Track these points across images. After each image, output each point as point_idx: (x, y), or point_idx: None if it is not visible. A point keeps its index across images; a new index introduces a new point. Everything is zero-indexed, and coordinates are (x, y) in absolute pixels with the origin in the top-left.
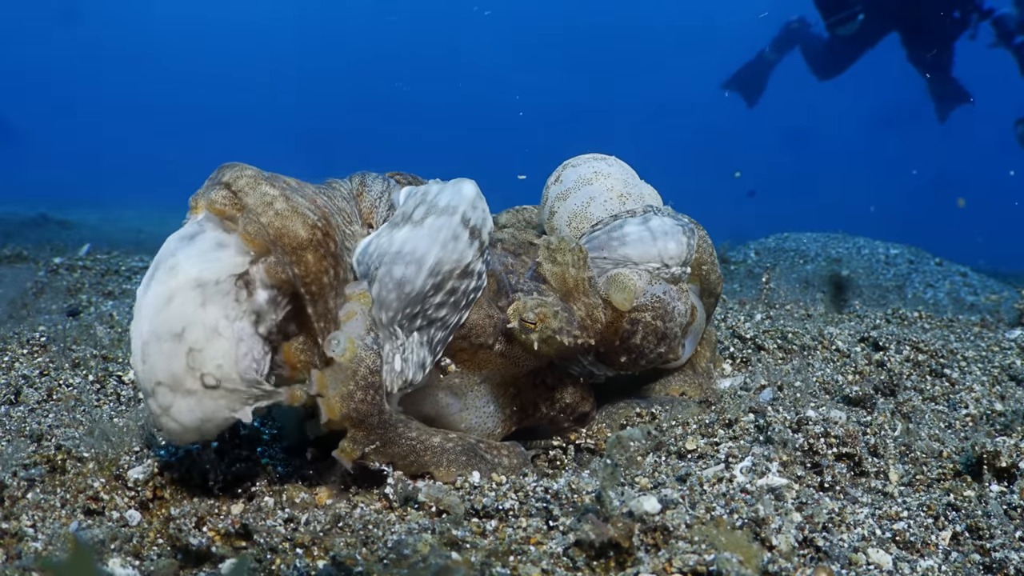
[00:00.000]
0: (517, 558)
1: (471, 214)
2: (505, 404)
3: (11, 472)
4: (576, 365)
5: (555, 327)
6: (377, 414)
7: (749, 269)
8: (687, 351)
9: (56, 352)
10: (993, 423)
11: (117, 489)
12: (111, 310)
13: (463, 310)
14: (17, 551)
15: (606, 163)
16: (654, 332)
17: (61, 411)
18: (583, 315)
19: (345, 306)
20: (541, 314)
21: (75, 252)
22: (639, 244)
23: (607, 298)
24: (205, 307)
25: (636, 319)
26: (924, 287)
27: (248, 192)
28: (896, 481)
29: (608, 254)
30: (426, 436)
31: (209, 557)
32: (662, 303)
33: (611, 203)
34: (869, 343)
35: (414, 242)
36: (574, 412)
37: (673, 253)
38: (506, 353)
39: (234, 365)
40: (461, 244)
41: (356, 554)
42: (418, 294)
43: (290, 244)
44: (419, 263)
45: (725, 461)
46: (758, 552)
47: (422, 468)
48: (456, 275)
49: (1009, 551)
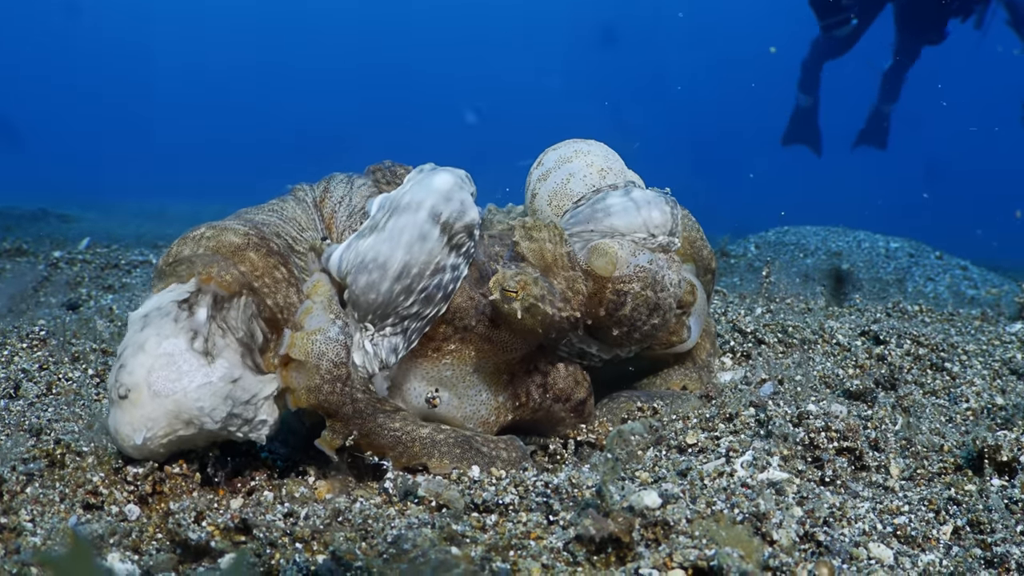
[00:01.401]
0: (517, 553)
1: (442, 207)
2: (498, 391)
3: (10, 466)
4: (566, 346)
5: (536, 293)
6: (349, 403)
7: (749, 263)
8: (694, 333)
9: (56, 346)
10: (994, 417)
11: (116, 483)
12: (111, 304)
13: (440, 303)
14: (16, 546)
15: (587, 144)
16: (645, 302)
17: (60, 405)
18: (563, 288)
19: (304, 303)
20: (521, 282)
21: (75, 246)
22: (623, 214)
23: (589, 268)
24: (143, 330)
25: (622, 290)
26: (925, 281)
27: (186, 247)
28: (897, 475)
29: (594, 226)
30: (413, 427)
31: (208, 552)
32: (649, 272)
33: (591, 177)
34: (870, 337)
35: (376, 248)
36: (569, 399)
37: (658, 222)
38: (493, 338)
39: (145, 376)
40: (430, 243)
41: (356, 549)
42: (384, 301)
43: (228, 250)
44: (383, 269)
45: (726, 455)
46: (759, 547)
47: (413, 459)
48: (427, 275)
49: (1010, 545)
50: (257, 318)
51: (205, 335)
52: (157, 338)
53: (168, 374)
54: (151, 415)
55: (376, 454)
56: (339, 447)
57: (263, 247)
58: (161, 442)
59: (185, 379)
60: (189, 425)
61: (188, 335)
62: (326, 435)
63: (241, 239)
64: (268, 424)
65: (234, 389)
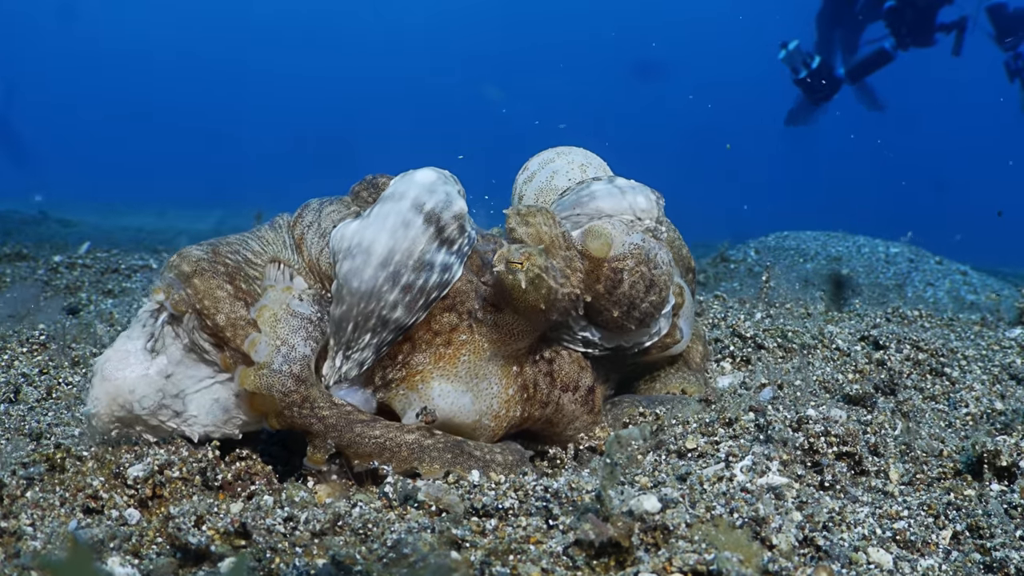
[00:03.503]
0: (517, 557)
1: (425, 197)
2: (508, 384)
3: (10, 471)
4: (567, 332)
5: (541, 264)
6: (316, 421)
7: (749, 268)
8: (685, 335)
9: (56, 350)
10: (993, 422)
11: (116, 488)
12: (111, 308)
13: (420, 311)
14: (16, 550)
15: (567, 148)
16: (641, 278)
17: (60, 409)
18: (562, 266)
19: (251, 334)
20: (526, 253)
21: (75, 250)
22: (609, 198)
23: (585, 250)
24: (125, 331)
25: (619, 267)
26: (924, 286)
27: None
28: (896, 480)
29: (581, 210)
30: (396, 433)
31: (208, 556)
32: (643, 249)
33: (573, 172)
34: (869, 342)
35: (361, 233)
36: (577, 387)
37: (644, 206)
38: (499, 323)
39: (103, 363)
40: (413, 231)
41: (355, 553)
42: (368, 289)
43: (182, 276)
44: (367, 253)
45: (725, 460)
46: (758, 551)
47: (402, 465)
48: (412, 266)
49: (1009, 550)
50: (199, 331)
51: (157, 338)
52: (125, 338)
53: (117, 364)
54: (97, 394)
55: (365, 463)
56: (324, 460)
57: (208, 271)
58: (103, 419)
59: (128, 369)
60: (123, 408)
61: (147, 338)
62: (310, 451)
63: (190, 267)
64: (200, 422)
65: (166, 384)
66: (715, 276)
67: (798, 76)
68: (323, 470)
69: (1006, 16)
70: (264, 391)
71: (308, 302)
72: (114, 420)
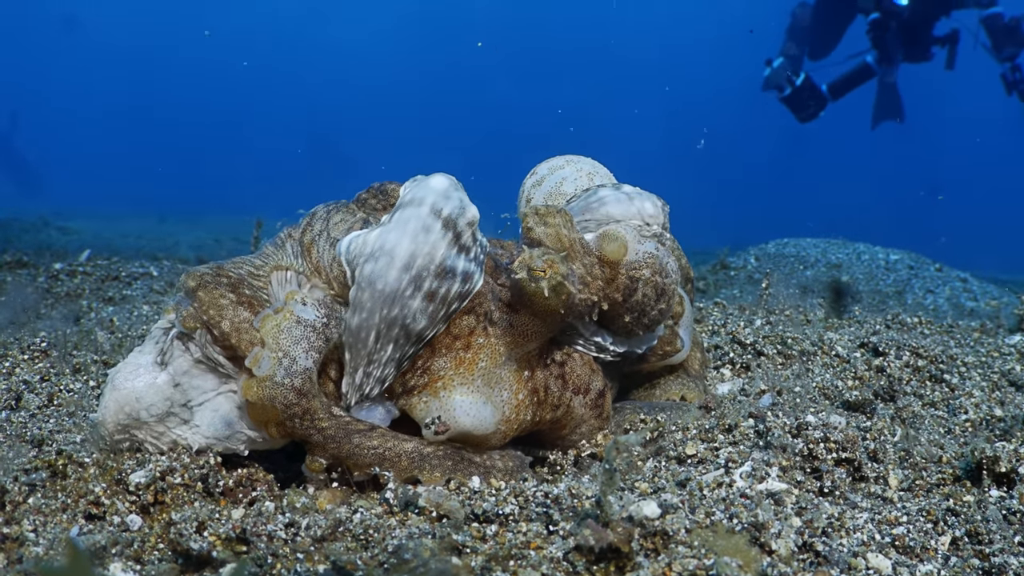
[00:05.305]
0: (517, 563)
1: (442, 203)
2: (519, 388)
3: (12, 477)
4: (578, 336)
5: (563, 272)
6: (315, 432)
7: (749, 275)
8: (686, 344)
9: (57, 358)
10: (992, 428)
11: (118, 494)
12: (111, 315)
13: (440, 323)
14: (18, 556)
15: (575, 156)
16: (654, 287)
17: (62, 416)
18: (583, 273)
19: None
20: (549, 260)
21: (75, 258)
22: (617, 204)
23: (600, 254)
24: (135, 350)
25: (635, 276)
26: (924, 293)
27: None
28: (896, 486)
29: (590, 216)
30: (395, 443)
31: (210, 562)
32: (656, 258)
33: (581, 180)
34: (869, 349)
35: (383, 237)
36: (588, 390)
37: (651, 212)
38: (515, 324)
39: (114, 374)
40: (433, 235)
41: (357, 559)
42: (392, 291)
43: (188, 291)
44: (390, 256)
45: (725, 466)
46: (757, 557)
47: (403, 474)
48: (434, 272)
49: (1008, 556)
50: (211, 345)
51: (167, 351)
52: (138, 352)
53: (128, 375)
54: (106, 402)
55: (365, 473)
56: (323, 469)
57: (211, 283)
58: (108, 426)
59: (138, 380)
60: (129, 416)
61: (157, 352)
62: (308, 460)
63: (195, 281)
64: (202, 432)
65: (174, 392)
66: (715, 283)
67: (783, 94)
68: (322, 478)
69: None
70: (266, 403)
71: (313, 306)
72: (120, 427)
